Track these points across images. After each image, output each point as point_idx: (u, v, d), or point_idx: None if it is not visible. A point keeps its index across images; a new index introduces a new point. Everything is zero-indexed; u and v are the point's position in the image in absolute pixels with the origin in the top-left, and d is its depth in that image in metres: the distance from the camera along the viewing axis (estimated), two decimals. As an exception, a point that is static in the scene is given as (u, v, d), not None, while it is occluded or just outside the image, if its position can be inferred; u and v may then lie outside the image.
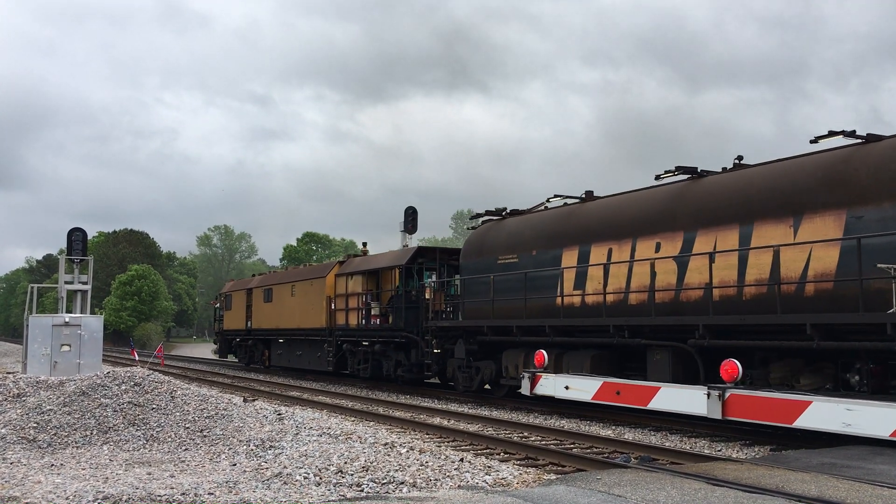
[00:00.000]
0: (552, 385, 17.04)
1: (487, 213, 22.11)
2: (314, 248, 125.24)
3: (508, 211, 21.44)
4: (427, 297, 23.22)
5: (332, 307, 28.25)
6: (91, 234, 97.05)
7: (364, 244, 33.73)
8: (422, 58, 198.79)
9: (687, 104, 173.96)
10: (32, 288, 26.13)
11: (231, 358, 44.07)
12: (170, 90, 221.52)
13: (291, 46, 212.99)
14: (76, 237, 26.05)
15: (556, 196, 19.87)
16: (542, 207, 20.54)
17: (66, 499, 8.19)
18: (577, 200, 19.31)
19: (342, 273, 28.05)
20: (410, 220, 34.80)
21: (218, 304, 43.30)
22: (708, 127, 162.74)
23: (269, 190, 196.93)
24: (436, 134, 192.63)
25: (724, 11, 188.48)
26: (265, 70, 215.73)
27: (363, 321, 26.29)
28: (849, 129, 13.40)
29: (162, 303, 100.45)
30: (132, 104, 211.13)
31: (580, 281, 17.39)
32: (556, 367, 17.48)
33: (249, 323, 36.65)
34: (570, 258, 17.80)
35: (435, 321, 22.35)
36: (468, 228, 22.82)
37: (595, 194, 19.14)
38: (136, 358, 37.05)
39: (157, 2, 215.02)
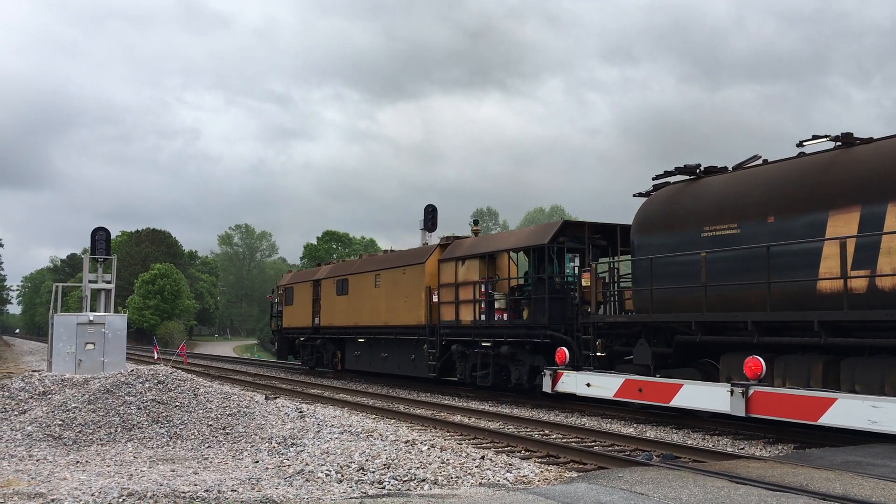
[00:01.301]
0: (574, 382, 16.97)
1: (667, 173, 16.96)
2: (334, 246, 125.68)
3: (702, 169, 16.34)
4: (585, 284, 17.92)
5: (436, 299, 23.14)
6: (114, 233, 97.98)
7: (475, 222, 27.94)
8: (440, 56, 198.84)
9: (707, 100, 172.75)
10: (57, 287, 26.42)
11: (284, 359, 39.89)
12: (190, 90, 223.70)
13: (310, 46, 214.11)
14: (100, 237, 26.29)
15: (809, 140, 14.43)
16: (761, 162, 15.68)
17: (92, 495, 8.28)
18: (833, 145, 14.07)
19: (449, 258, 22.77)
20: (430, 218, 34.84)
21: (276, 299, 37.73)
22: (729, 123, 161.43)
23: (289, 189, 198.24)
24: (455, 132, 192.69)
25: (743, 6, 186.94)
26: (285, 69, 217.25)
27: (481, 316, 21.13)
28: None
29: (184, 301, 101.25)
30: (154, 104, 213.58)
31: (866, 256, 12.62)
32: (771, 374, 13.56)
33: (317, 319, 31.65)
34: (841, 224, 13.06)
35: (603, 315, 17.65)
36: (635, 195, 17.99)
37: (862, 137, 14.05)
38: (156, 356, 37.30)
39: (177, 2, 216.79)
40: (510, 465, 10.32)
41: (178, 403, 14.06)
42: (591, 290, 17.67)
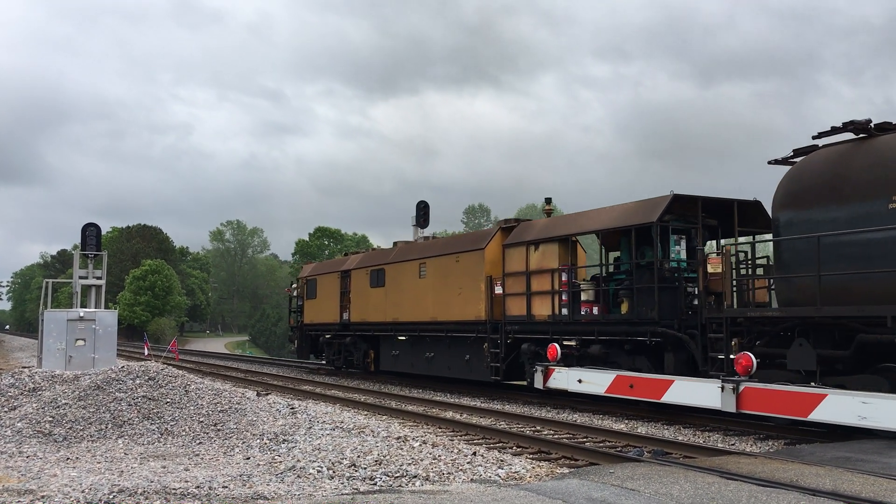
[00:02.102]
0: (565, 379, 17.01)
1: (821, 134, 14.02)
2: (326, 242, 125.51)
3: (874, 125, 13.30)
4: (712, 270, 14.96)
5: (499, 291, 19.98)
6: (105, 229, 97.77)
7: (548, 200, 22.73)
8: (434, 52, 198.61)
9: (699, 97, 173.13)
10: (47, 283, 26.29)
11: (305, 359, 35.67)
12: (183, 86, 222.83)
13: (303, 42, 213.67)
14: (90, 232, 26.16)
15: None
16: None
17: (82, 492, 8.25)
18: None
19: (516, 242, 19.44)
20: (422, 214, 34.81)
21: (295, 292, 34.16)
22: (721, 120, 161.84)
23: (281, 185, 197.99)
24: (448, 128, 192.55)
25: (736, 4, 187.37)
26: (277, 65, 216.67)
27: (562, 310, 17.83)
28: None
29: (175, 298, 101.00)
30: (147, 99, 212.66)
31: None
32: None
33: (345, 315, 28.30)
34: None
35: (744, 309, 14.61)
36: (770, 163, 15.13)
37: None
38: (146, 353, 37.16)
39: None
40: (502, 461, 10.34)
41: (168, 400, 14.02)
42: (725, 277, 14.46)
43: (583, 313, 17.49)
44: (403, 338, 24.75)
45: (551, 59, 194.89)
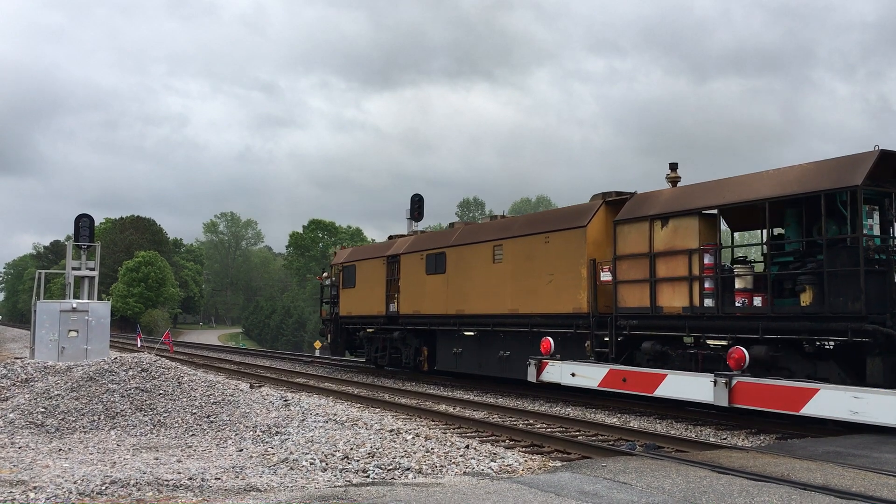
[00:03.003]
0: (558, 372, 17.03)
1: None
2: (320, 235, 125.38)
3: None
4: None
5: (607, 277, 16.53)
6: (98, 220, 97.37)
7: (673, 167, 17.33)
8: (428, 46, 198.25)
9: (693, 93, 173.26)
10: (40, 274, 26.23)
11: (339, 355, 31.16)
12: (177, 77, 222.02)
13: (297, 34, 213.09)
14: (83, 223, 26.10)
15: None
16: None
17: (74, 483, 8.24)
18: None
19: (633, 218, 15.99)
20: (417, 207, 34.81)
21: (328, 280, 30.32)
22: (714, 116, 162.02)
23: (275, 177, 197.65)
24: (442, 122, 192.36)
25: (730, 0, 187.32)
26: (271, 57, 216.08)
27: (704, 301, 14.49)
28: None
29: (168, 289, 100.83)
30: (141, 91, 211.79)
31: None
32: None
33: (393, 306, 24.77)
34: None
35: None
36: None
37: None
38: (139, 344, 37.07)
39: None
40: (494, 454, 10.36)
41: (161, 391, 14.01)
42: None
43: (739, 304, 13.99)
44: (471, 333, 21.06)
45: (545, 54, 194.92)
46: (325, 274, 31.81)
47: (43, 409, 13.19)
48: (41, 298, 24.75)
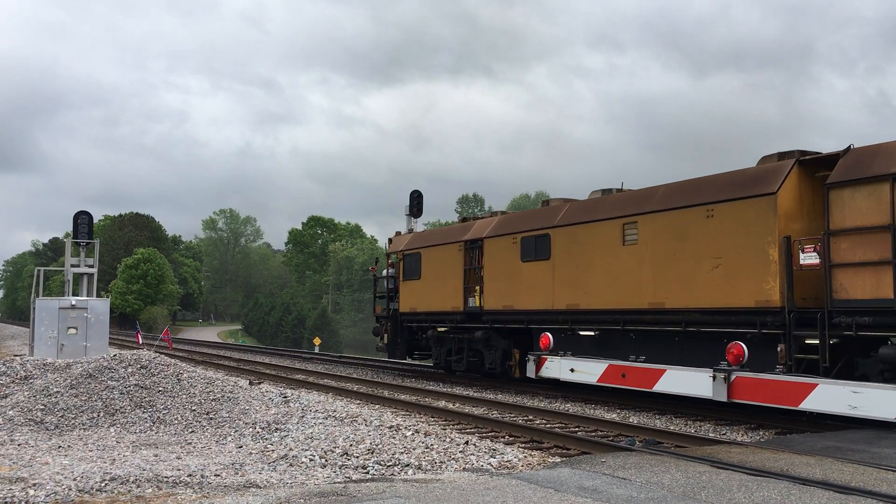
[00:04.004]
0: (557, 367, 17.05)
1: None
2: (319, 231, 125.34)
3: None
4: None
5: (813, 259, 12.81)
6: (97, 217, 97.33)
7: None
8: (427, 42, 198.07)
9: (693, 88, 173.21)
10: (39, 271, 26.20)
11: (400, 357, 25.80)
12: (177, 73, 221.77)
13: (297, 30, 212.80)
14: (82, 220, 26.07)
15: None
16: None
17: (74, 480, 8.24)
18: None
19: (863, 178, 12.16)
20: (416, 203, 34.79)
21: (383, 272, 26.26)
22: (714, 111, 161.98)
23: (275, 173, 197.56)
24: (441, 118, 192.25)
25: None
26: (271, 53, 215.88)
27: None
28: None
29: (168, 286, 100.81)
30: (141, 87, 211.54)
31: None
32: None
33: (473, 300, 20.85)
34: None
35: None
36: None
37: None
38: (140, 342, 37.06)
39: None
40: (494, 450, 10.36)
41: (161, 388, 14.00)
42: None
43: None
44: (589, 333, 17.14)
45: (545, 49, 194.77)
46: (377, 263, 28.07)
47: (42, 407, 13.19)
48: (40, 295, 24.73)
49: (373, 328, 26.87)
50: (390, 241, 26.09)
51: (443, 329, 22.59)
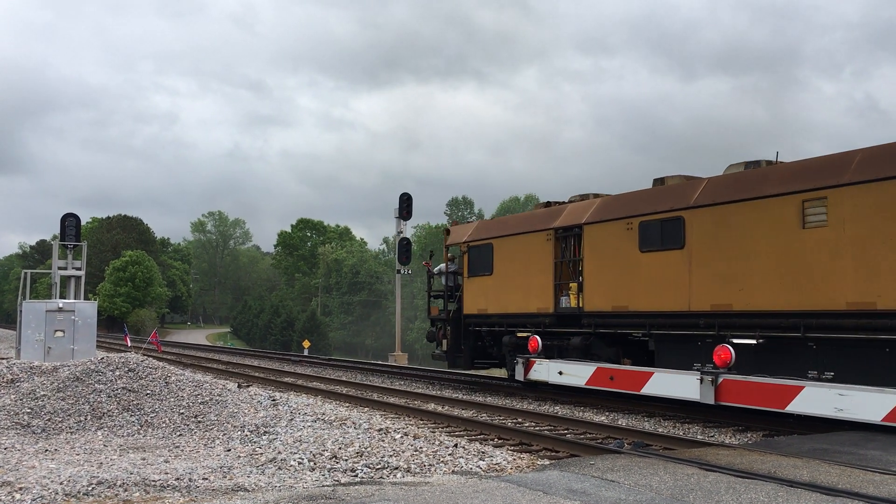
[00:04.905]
0: (546, 370, 17.07)
1: None
2: (309, 234, 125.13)
3: None
4: None
5: None
6: (85, 219, 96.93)
7: None
8: (416, 45, 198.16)
9: (681, 91, 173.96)
10: (26, 273, 26.06)
11: (464, 368, 21.88)
12: (165, 75, 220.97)
13: (285, 32, 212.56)
14: (69, 223, 25.95)
15: None
16: None
17: (61, 484, 8.19)
18: None
19: None
20: (405, 206, 34.75)
21: (445, 266, 22.26)
22: (702, 114, 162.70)
23: (264, 176, 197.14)
24: (431, 121, 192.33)
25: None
26: (259, 56, 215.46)
27: None
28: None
29: (156, 289, 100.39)
30: (130, 88, 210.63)
31: None
32: None
33: (566, 300, 17.54)
34: None
35: None
36: None
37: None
38: (129, 344, 36.88)
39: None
40: (483, 452, 10.36)
41: (149, 391, 13.94)
42: None
43: None
44: (748, 341, 13.80)
45: (533, 52, 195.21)
46: (431, 257, 24.13)
47: (29, 410, 13.10)
48: (27, 298, 24.58)
49: (426, 332, 23.24)
50: (448, 231, 22.74)
51: (524, 334, 18.94)
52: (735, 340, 13.75)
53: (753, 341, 13.65)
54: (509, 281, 19.18)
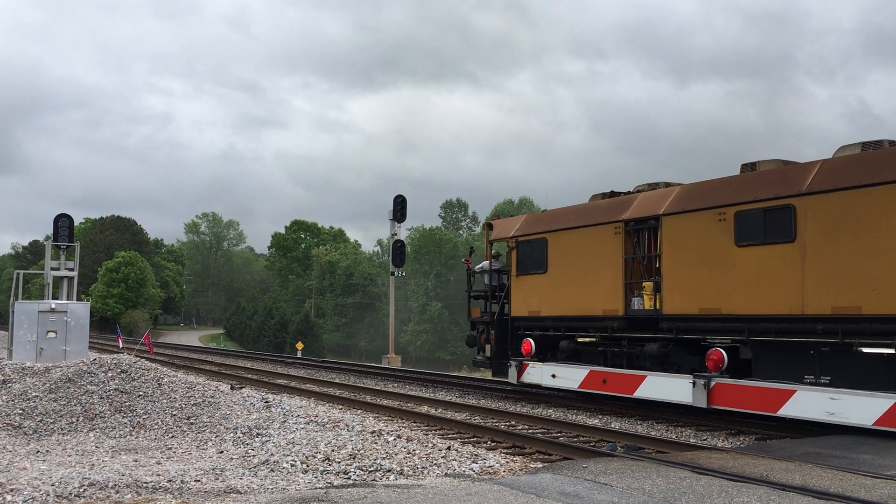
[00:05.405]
0: (539, 373, 17.08)
1: None
2: (303, 236, 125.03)
3: None
4: None
5: None
6: (78, 220, 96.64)
7: None
8: (411, 48, 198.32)
9: (674, 96, 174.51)
10: (18, 274, 25.98)
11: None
12: (159, 76, 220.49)
13: (280, 34, 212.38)
14: (62, 223, 25.88)
15: None
16: None
17: (52, 485, 8.16)
18: None
19: None
20: (399, 208, 34.79)
21: (489, 264, 20.09)
22: (696, 119, 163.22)
23: (258, 177, 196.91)
24: (425, 124, 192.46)
25: (710, 4, 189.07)
26: (253, 57, 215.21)
27: None
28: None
29: (149, 290, 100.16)
30: (124, 89, 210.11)
31: None
32: None
33: (640, 301, 15.32)
34: None
35: None
36: None
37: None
38: (121, 346, 36.79)
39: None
40: (476, 455, 10.36)
41: (141, 393, 13.91)
42: None
43: None
44: (886, 350, 11.56)
45: (527, 56, 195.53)
46: (479, 254, 21.91)
47: (20, 411, 13.05)
48: (19, 299, 24.50)
49: (467, 336, 20.89)
50: (489, 225, 20.61)
51: (585, 340, 16.97)
52: (865, 350, 11.78)
53: (892, 350, 11.39)
54: (567, 279, 17.07)
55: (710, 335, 14.20)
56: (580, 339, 17.01)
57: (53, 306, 23.38)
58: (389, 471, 9.20)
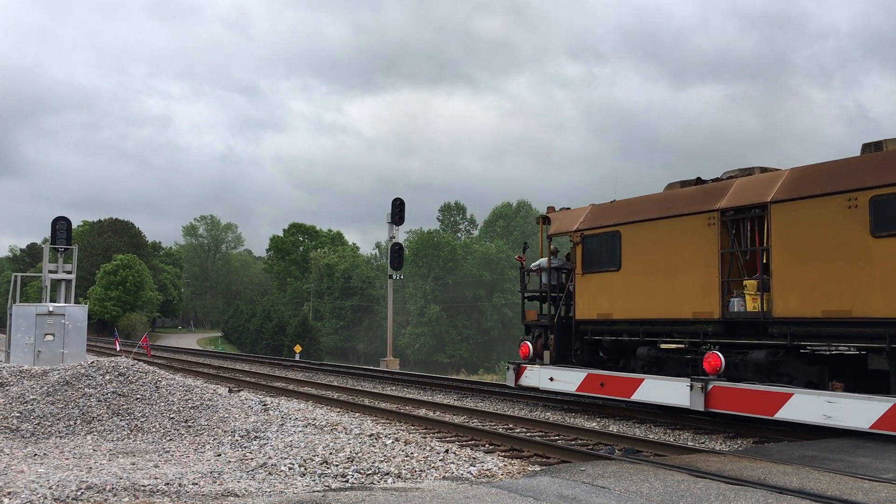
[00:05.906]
0: (537, 376, 17.08)
1: None
2: (301, 238, 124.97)
3: None
4: None
5: None
6: (76, 223, 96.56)
7: None
8: (409, 50, 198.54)
9: (672, 98, 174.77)
10: (16, 277, 25.98)
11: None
12: (157, 78, 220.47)
13: (278, 36, 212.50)
14: (60, 226, 25.88)
15: None
16: None
17: (49, 488, 8.15)
18: None
19: None
20: (398, 211, 34.81)
21: (547, 261, 18.15)
22: (694, 122, 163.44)
23: (256, 180, 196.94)
24: (423, 126, 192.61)
25: (708, 7, 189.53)
26: (252, 59, 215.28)
27: None
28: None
29: (147, 293, 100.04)
30: (122, 91, 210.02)
31: None
32: None
33: (740, 301, 13.57)
34: None
35: None
36: None
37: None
38: (118, 348, 36.76)
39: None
40: (474, 458, 10.36)
41: (139, 396, 13.89)
42: None
43: None
44: None
45: (526, 59, 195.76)
46: (534, 249, 20.00)
47: (18, 414, 13.04)
48: (17, 302, 24.48)
49: (521, 341, 18.45)
50: (545, 218, 18.38)
51: (671, 346, 15.17)
52: None
53: None
54: (647, 278, 15.17)
55: (835, 341, 12.33)
56: (663, 346, 15.22)
57: (51, 309, 23.36)
58: (387, 474, 9.20)
